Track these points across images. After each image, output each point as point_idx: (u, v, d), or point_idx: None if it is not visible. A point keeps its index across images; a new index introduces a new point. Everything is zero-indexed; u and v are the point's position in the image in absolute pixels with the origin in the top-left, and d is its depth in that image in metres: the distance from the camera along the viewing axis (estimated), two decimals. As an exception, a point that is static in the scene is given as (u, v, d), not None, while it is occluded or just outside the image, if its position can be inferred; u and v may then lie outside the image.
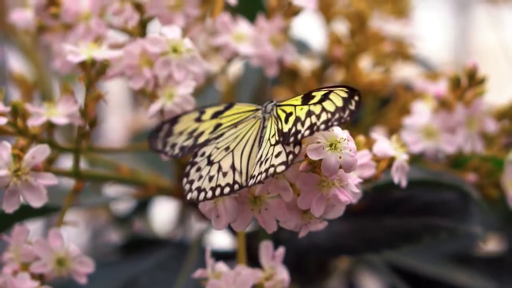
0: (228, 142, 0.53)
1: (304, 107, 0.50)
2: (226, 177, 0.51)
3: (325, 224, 0.53)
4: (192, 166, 0.53)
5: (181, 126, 0.56)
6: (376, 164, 0.57)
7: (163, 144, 0.56)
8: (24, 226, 0.58)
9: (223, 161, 0.52)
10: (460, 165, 0.71)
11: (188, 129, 0.56)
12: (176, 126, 0.56)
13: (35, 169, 0.55)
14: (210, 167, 0.52)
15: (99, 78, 0.60)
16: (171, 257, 0.77)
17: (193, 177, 0.52)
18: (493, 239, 0.92)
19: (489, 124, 0.70)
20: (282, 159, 0.49)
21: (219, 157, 0.53)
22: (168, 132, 0.56)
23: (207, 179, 0.51)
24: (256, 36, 0.68)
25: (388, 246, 0.68)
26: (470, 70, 0.67)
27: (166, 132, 0.56)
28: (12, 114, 0.57)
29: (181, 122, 0.56)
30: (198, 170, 0.52)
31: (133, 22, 0.64)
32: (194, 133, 0.55)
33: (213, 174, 0.52)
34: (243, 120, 0.54)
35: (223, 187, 0.51)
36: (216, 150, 0.53)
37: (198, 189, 0.51)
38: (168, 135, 0.56)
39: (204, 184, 0.51)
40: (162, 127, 0.56)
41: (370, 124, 0.82)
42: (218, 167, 0.52)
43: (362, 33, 0.78)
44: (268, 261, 0.57)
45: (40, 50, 0.97)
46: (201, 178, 0.52)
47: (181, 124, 0.56)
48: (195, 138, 0.55)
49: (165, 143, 0.56)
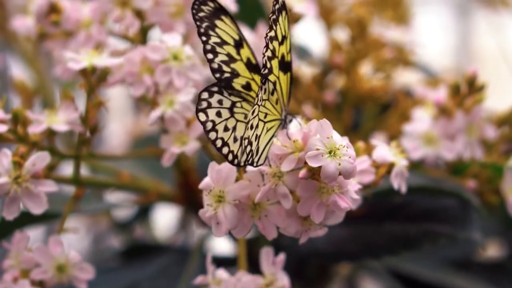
0: (247, 112, 0.53)
1: None
2: (235, 144, 0.51)
3: (325, 230, 0.53)
4: (218, 92, 0.52)
5: (222, 32, 0.53)
6: (376, 170, 0.57)
7: (206, 28, 0.53)
8: (25, 233, 0.58)
9: (239, 124, 0.52)
10: (459, 172, 0.71)
11: (228, 48, 0.54)
12: (218, 22, 0.53)
13: (36, 176, 0.55)
14: (229, 116, 0.52)
15: (100, 85, 0.61)
16: (172, 263, 0.78)
17: (213, 103, 0.52)
18: (493, 244, 0.92)
19: (488, 131, 0.70)
20: None
21: (239, 116, 0.52)
22: (211, 20, 0.53)
23: (223, 125, 0.51)
24: (256, 43, 0.68)
25: (388, 252, 0.68)
26: (470, 77, 0.67)
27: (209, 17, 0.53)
28: (12, 121, 0.57)
29: (223, 23, 0.54)
30: (220, 103, 0.52)
31: (134, 30, 0.64)
32: (232, 63, 0.54)
33: (229, 127, 0.52)
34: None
35: (230, 151, 0.51)
36: (240, 107, 0.53)
37: (213, 123, 0.51)
38: (212, 20, 0.53)
39: (219, 126, 0.51)
40: (207, 2, 0.53)
41: (370, 130, 0.82)
42: (235, 125, 0.52)
43: (362, 40, 0.79)
44: (268, 268, 0.57)
45: (41, 57, 0.97)
46: (219, 116, 0.51)
47: (223, 27, 0.53)
48: (232, 73, 0.53)
49: (207, 30, 0.53)
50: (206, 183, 0.52)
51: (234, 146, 0.51)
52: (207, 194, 0.52)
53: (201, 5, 0.53)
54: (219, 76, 0.53)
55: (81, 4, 0.67)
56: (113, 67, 0.61)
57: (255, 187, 0.52)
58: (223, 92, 0.52)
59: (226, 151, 0.51)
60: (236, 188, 0.52)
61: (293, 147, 0.51)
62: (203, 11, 0.53)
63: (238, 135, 0.52)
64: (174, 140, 0.59)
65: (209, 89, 0.52)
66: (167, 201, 0.75)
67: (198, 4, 0.53)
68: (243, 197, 0.52)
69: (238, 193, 0.52)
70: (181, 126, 0.58)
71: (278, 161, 0.51)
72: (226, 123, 0.51)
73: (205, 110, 0.51)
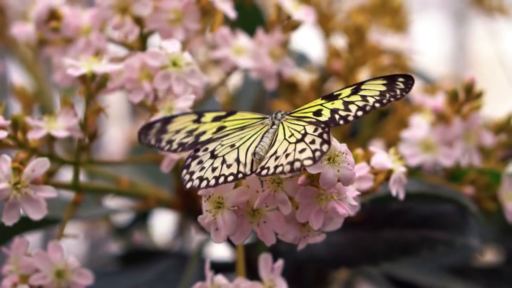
0: (233, 141, 0.53)
1: (335, 101, 0.52)
2: (231, 168, 0.51)
3: (324, 236, 0.53)
4: (193, 159, 0.53)
5: (177, 125, 0.56)
6: (374, 177, 0.57)
7: (157, 140, 0.55)
8: (24, 239, 0.58)
9: (227, 155, 0.52)
10: (457, 178, 0.71)
11: (186, 128, 0.55)
12: (170, 125, 0.56)
13: (35, 182, 0.55)
14: (214, 160, 0.52)
15: (99, 92, 0.61)
16: (170, 268, 0.78)
17: (194, 168, 0.52)
18: (491, 250, 0.92)
19: (486, 138, 0.70)
20: (308, 155, 0.49)
21: (223, 152, 0.53)
22: (161, 130, 0.56)
23: (210, 170, 0.51)
24: (255, 50, 0.68)
25: (386, 258, 0.68)
26: (468, 84, 0.68)
27: (159, 130, 0.56)
28: (12, 127, 0.57)
29: (176, 122, 0.56)
30: (200, 163, 0.52)
31: (133, 36, 0.65)
32: (195, 132, 0.55)
33: (216, 166, 0.51)
34: (250, 125, 0.54)
35: (227, 176, 0.51)
36: (221, 146, 0.53)
37: (200, 178, 0.51)
38: (161, 132, 0.55)
39: (207, 174, 0.51)
40: (153, 125, 0.56)
41: (368, 137, 0.82)
42: (222, 160, 0.52)
43: (360, 47, 0.79)
44: (267, 274, 0.57)
45: (40, 63, 0.98)
46: (203, 169, 0.52)
47: (177, 124, 0.56)
48: (196, 136, 0.55)
49: (159, 139, 0.55)
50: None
51: (230, 170, 0.51)
52: (206, 200, 0.52)
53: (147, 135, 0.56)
54: (182, 149, 0.55)
55: (81, 11, 0.67)
56: (113, 73, 0.61)
57: (254, 193, 0.52)
58: (198, 155, 0.53)
59: (223, 179, 0.51)
60: (235, 194, 0.52)
61: (292, 154, 0.51)
62: (149, 135, 0.56)
63: (230, 160, 0.52)
64: (174, 146, 0.59)
65: (184, 165, 0.53)
66: (166, 207, 0.75)
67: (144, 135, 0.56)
68: (242, 203, 0.52)
69: (237, 199, 0.52)
70: (180, 133, 0.58)
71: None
72: (212, 166, 0.52)
73: (190, 179, 0.52)
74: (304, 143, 0.50)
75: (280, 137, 0.52)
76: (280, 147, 0.51)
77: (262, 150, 0.51)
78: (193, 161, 0.53)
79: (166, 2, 0.64)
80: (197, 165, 0.52)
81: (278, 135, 0.52)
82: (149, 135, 0.55)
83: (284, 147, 0.50)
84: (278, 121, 0.53)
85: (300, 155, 0.49)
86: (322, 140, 0.49)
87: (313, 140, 0.50)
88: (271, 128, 0.53)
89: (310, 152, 0.49)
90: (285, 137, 0.51)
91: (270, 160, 0.50)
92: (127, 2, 0.64)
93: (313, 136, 0.50)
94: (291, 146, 0.50)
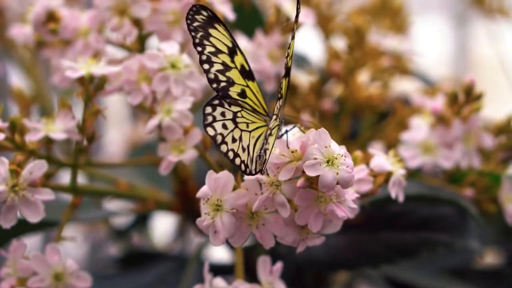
0: (248, 121, 0.53)
1: None
2: (244, 154, 0.52)
3: (323, 239, 0.53)
4: (220, 104, 0.53)
5: (217, 40, 0.54)
6: (373, 179, 0.57)
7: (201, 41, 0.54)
8: (22, 241, 0.58)
9: (244, 134, 0.53)
10: (457, 180, 0.71)
11: (223, 57, 0.54)
12: (212, 30, 0.54)
13: (33, 184, 0.55)
14: (234, 127, 0.53)
15: (98, 94, 0.61)
16: (170, 271, 0.77)
17: (217, 116, 0.53)
18: (490, 252, 0.92)
19: (486, 140, 0.70)
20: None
21: (242, 126, 0.53)
22: (205, 30, 0.54)
23: (230, 136, 0.52)
24: (254, 51, 0.68)
25: (386, 260, 0.68)
26: (467, 86, 0.67)
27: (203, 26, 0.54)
28: (10, 130, 0.57)
29: (217, 31, 0.54)
30: (223, 116, 0.53)
31: (132, 38, 0.64)
32: (227, 72, 0.54)
33: (236, 138, 0.52)
34: (259, 114, 0.54)
35: (242, 161, 0.51)
36: (241, 116, 0.53)
37: (222, 136, 0.52)
38: (206, 33, 0.54)
39: (228, 138, 0.52)
40: (201, 11, 0.54)
41: (368, 139, 0.82)
42: (240, 136, 0.52)
43: (360, 48, 0.79)
44: (266, 276, 0.56)
45: (39, 65, 0.97)
46: (225, 128, 0.52)
47: (217, 36, 0.54)
48: (228, 80, 0.54)
49: (202, 42, 0.54)
50: (204, 191, 0.52)
51: (244, 155, 0.52)
52: (205, 202, 0.52)
53: (195, 15, 0.54)
54: (216, 86, 0.54)
55: (79, 13, 0.67)
56: (111, 75, 0.61)
57: (253, 195, 0.52)
58: (224, 104, 0.53)
59: (239, 162, 0.51)
60: (234, 197, 0.52)
61: (291, 156, 0.51)
62: (197, 20, 0.54)
63: (244, 144, 0.52)
64: (172, 148, 0.59)
65: (211, 103, 0.53)
66: (165, 209, 0.75)
67: (192, 14, 0.54)
68: (241, 206, 0.52)
69: (236, 201, 0.52)
70: (178, 135, 0.58)
71: (276, 170, 0.51)
72: (233, 134, 0.52)
73: (212, 124, 0.52)
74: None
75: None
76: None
77: (266, 154, 0.51)
78: (219, 107, 0.53)
79: (164, 4, 0.64)
80: (220, 116, 0.53)
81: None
82: (196, 21, 0.54)
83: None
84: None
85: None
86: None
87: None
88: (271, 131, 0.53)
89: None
90: None
91: None
92: (126, 4, 0.64)
93: None
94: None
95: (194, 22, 0.54)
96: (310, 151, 0.49)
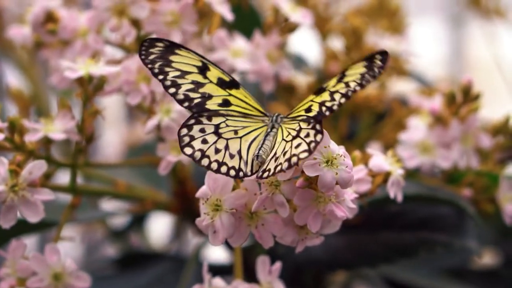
0: (237, 127, 0.53)
1: (323, 93, 0.51)
2: (233, 160, 0.51)
3: (322, 239, 0.53)
4: (196, 123, 0.52)
5: (181, 62, 0.53)
6: (372, 179, 0.57)
7: (160, 70, 0.53)
8: (21, 241, 0.58)
9: (231, 142, 0.52)
10: (455, 180, 0.71)
11: (192, 76, 0.53)
12: (173, 56, 0.53)
13: (32, 184, 0.55)
14: (217, 138, 0.52)
15: (97, 94, 0.61)
16: (168, 271, 0.77)
17: (195, 134, 0.51)
18: (488, 253, 0.92)
19: (484, 140, 0.70)
20: (304, 147, 0.48)
21: (227, 135, 0.52)
22: (165, 57, 0.53)
23: (213, 149, 0.51)
24: (252, 52, 0.68)
25: (384, 260, 0.68)
26: (465, 86, 0.68)
27: (162, 56, 0.53)
28: (9, 130, 0.57)
29: (180, 55, 0.53)
30: (202, 132, 0.52)
31: (131, 38, 0.64)
32: (201, 88, 0.53)
33: (220, 148, 0.51)
34: (253, 116, 0.54)
35: (229, 168, 0.50)
36: (225, 126, 0.52)
37: (202, 151, 0.51)
38: (165, 62, 0.53)
39: (209, 152, 0.51)
40: (156, 43, 0.53)
41: (366, 139, 0.82)
42: (226, 145, 0.51)
43: (358, 49, 0.79)
44: (265, 276, 0.56)
45: (36, 66, 0.97)
46: (205, 143, 0.51)
47: (181, 59, 0.53)
48: (203, 96, 0.53)
49: (162, 70, 0.53)
50: (203, 191, 0.52)
51: (232, 162, 0.51)
52: (204, 202, 0.52)
53: (149, 49, 0.53)
54: (188, 104, 0.53)
55: (78, 13, 0.67)
56: (110, 76, 0.61)
57: (252, 195, 0.52)
58: (202, 121, 0.52)
59: (225, 170, 0.51)
60: (233, 197, 0.52)
61: (291, 156, 0.51)
62: (152, 53, 0.53)
63: (232, 151, 0.51)
64: (171, 148, 0.59)
65: (185, 124, 0.52)
66: (163, 209, 0.75)
67: (145, 48, 0.53)
68: (240, 206, 0.52)
69: (235, 201, 0.52)
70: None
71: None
72: (216, 145, 0.51)
73: (190, 144, 0.51)
74: (299, 138, 0.50)
75: (279, 139, 0.51)
76: (279, 148, 0.50)
77: (264, 153, 0.51)
78: (196, 125, 0.52)
79: (163, 4, 0.64)
80: (199, 133, 0.52)
81: (277, 137, 0.52)
82: (151, 54, 0.53)
83: (282, 147, 0.50)
84: (277, 124, 0.53)
85: (297, 150, 0.49)
86: (315, 131, 0.49)
87: (307, 133, 0.49)
88: (271, 131, 0.52)
89: (306, 145, 0.49)
90: (283, 137, 0.51)
91: (270, 162, 0.50)
92: (124, 4, 0.64)
93: (307, 130, 0.50)
94: (288, 144, 0.50)
95: (149, 55, 0.53)
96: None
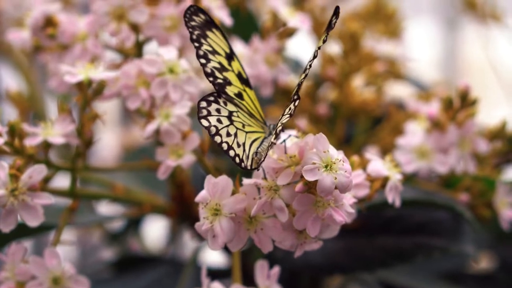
0: (244, 122, 0.54)
1: None
2: (239, 149, 0.52)
3: (320, 243, 0.53)
4: (215, 101, 0.53)
5: (214, 42, 0.55)
6: (370, 184, 0.57)
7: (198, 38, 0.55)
8: (21, 245, 0.58)
9: (239, 132, 0.53)
10: (452, 185, 0.71)
11: (220, 58, 0.55)
12: (209, 32, 0.55)
13: (32, 188, 0.55)
14: (229, 124, 0.53)
15: (96, 98, 0.61)
16: (165, 275, 0.78)
17: (212, 111, 0.53)
18: (485, 257, 0.92)
19: (481, 145, 0.70)
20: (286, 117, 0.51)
21: (237, 124, 0.53)
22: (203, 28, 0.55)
23: (225, 130, 0.52)
24: (251, 57, 0.69)
25: (381, 264, 0.68)
26: (462, 92, 0.68)
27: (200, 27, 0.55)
28: (9, 134, 0.57)
29: (214, 34, 0.56)
30: (218, 112, 0.53)
31: (130, 43, 0.65)
32: (224, 72, 0.55)
33: (231, 133, 0.52)
34: (255, 119, 0.55)
35: (236, 154, 0.52)
36: (237, 116, 0.54)
37: (216, 128, 0.52)
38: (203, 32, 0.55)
39: (222, 131, 0.52)
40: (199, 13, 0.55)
41: (363, 143, 0.82)
42: (235, 132, 0.53)
43: (355, 53, 0.79)
44: (263, 281, 0.57)
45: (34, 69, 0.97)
46: (220, 123, 0.52)
47: (214, 38, 0.56)
48: (224, 80, 0.55)
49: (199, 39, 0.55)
50: (203, 196, 0.53)
51: (239, 150, 0.52)
52: (204, 207, 0.52)
53: (192, 15, 0.55)
54: (213, 80, 0.55)
55: (77, 18, 0.67)
56: (109, 80, 0.61)
57: (251, 200, 0.52)
58: (219, 102, 0.54)
59: (233, 154, 0.52)
60: (232, 201, 0.52)
61: (289, 161, 0.51)
62: (194, 21, 0.55)
63: (239, 141, 0.52)
64: (170, 153, 0.59)
65: (206, 98, 0.53)
66: (161, 213, 0.75)
67: (190, 14, 0.55)
68: (239, 210, 0.52)
69: (234, 206, 0.52)
70: (177, 139, 0.58)
71: (274, 175, 0.52)
72: (228, 129, 0.52)
73: (206, 117, 0.52)
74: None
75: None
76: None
77: (263, 151, 0.52)
78: (214, 104, 0.53)
79: (162, 9, 0.64)
80: (216, 112, 0.53)
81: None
82: (193, 21, 0.55)
83: None
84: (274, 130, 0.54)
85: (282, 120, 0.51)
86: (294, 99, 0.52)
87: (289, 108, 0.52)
88: (268, 136, 0.54)
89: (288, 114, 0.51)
90: None
91: None
92: (124, 9, 0.64)
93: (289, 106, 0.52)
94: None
95: (191, 21, 0.55)
96: (309, 156, 0.50)
